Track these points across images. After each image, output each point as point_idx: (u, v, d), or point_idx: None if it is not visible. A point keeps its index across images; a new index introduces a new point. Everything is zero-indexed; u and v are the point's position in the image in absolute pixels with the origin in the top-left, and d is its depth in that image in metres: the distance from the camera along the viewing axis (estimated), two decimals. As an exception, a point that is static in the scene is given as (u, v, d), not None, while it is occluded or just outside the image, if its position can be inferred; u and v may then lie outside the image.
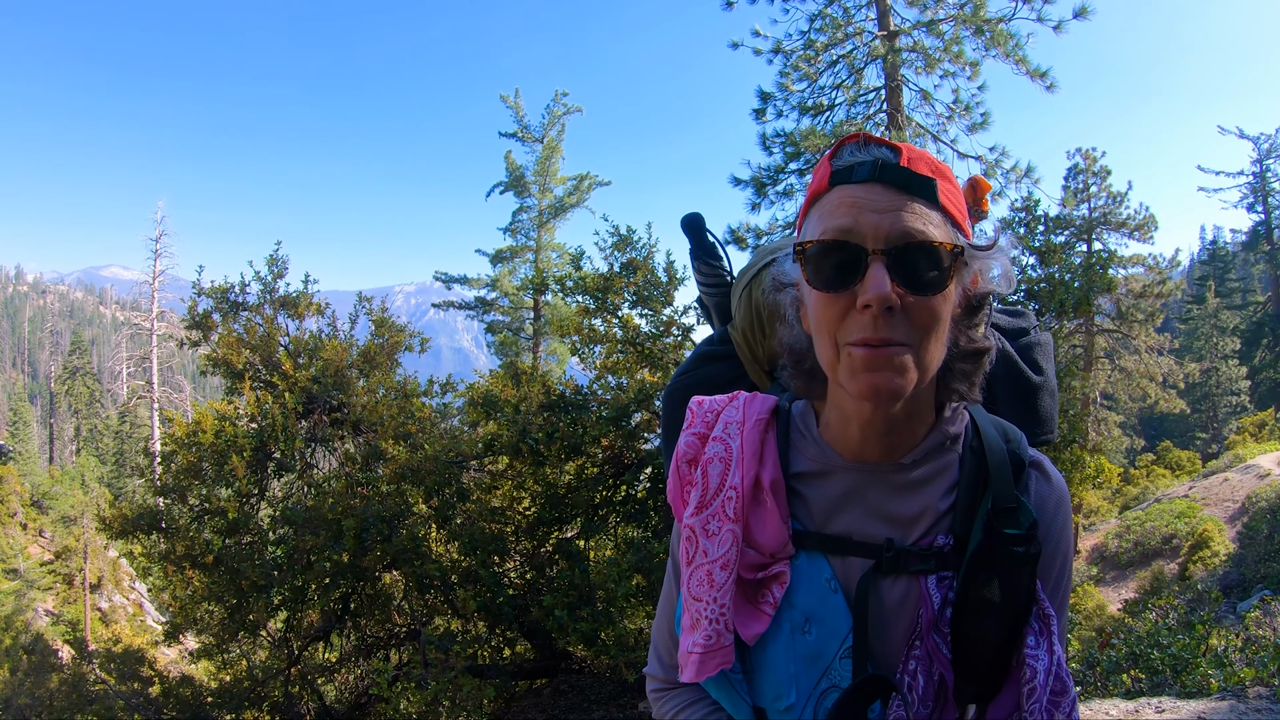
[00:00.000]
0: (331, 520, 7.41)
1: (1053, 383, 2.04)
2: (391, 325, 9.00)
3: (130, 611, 24.15)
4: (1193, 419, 49.37)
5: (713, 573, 1.34)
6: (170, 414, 9.38)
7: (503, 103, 28.66)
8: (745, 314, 1.98)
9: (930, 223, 1.20)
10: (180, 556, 7.74)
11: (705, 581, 1.34)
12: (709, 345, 2.16)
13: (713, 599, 1.32)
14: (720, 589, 1.32)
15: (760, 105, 18.84)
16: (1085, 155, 35.81)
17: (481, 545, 7.67)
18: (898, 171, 1.21)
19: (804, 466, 1.40)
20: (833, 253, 1.21)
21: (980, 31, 18.27)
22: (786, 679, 1.31)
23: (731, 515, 1.36)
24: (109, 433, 49.32)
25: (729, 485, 1.38)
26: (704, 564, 1.35)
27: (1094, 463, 9.16)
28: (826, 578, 1.32)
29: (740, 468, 1.38)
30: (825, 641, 1.30)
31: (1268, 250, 46.78)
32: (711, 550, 1.35)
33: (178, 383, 35.02)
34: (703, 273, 2.27)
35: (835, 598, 1.31)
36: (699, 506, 1.39)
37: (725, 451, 1.41)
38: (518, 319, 29.05)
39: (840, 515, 1.36)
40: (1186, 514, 27.31)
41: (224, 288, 9.04)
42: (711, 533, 1.36)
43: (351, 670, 9.04)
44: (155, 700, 8.86)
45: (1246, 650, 8.06)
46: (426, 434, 8.19)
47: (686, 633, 1.36)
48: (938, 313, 1.21)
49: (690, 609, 1.36)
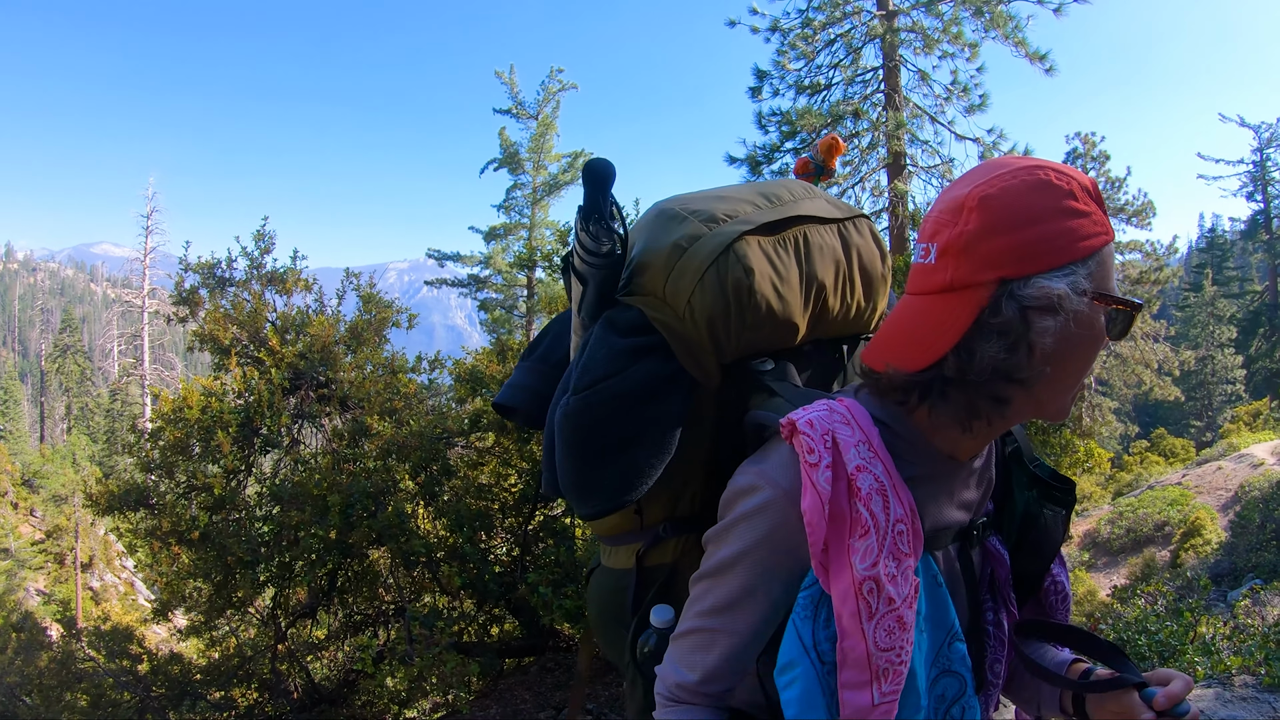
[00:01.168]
0: (317, 496, 7.36)
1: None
2: (379, 301, 8.91)
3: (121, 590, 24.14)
4: (1187, 407, 49.56)
5: (903, 616, 1.24)
6: (157, 390, 9.35)
7: (497, 79, 28.43)
8: (714, 298, 1.58)
9: None
10: (166, 533, 7.68)
11: (896, 628, 1.24)
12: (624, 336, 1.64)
13: (906, 640, 1.24)
14: (910, 628, 1.24)
15: (757, 84, 18.88)
16: (1084, 139, 35.76)
17: (468, 522, 7.64)
18: None
19: (911, 471, 1.35)
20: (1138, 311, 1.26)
21: (980, 13, 18.28)
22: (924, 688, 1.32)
23: (907, 550, 1.27)
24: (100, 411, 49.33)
25: (894, 519, 1.26)
26: (890, 612, 1.24)
27: (1084, 447, 9.15)
28: (934, 574, 1.35)
29: (897, 495, 1.28)
30: (935, 634, 1.34)
31: (1266, 240, 46.81)
32: (897, 595, 1.24)
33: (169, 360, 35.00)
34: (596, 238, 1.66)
35: (941, 591, 1.35)
36: (878, 554, 1.24)
37: (876, 481, 1.27)
38: (511, 296, 29.00)
39: (939, 511, 1.40)
40: (1179, 501, 27.39)
41: (210, 263, 8.97)
42: (892, 576, 1.24)
43: (340, 647, 9.02)
44: (144, 678, 8.83)
45: (1234, 638, 8.08)
46: (412, 410, 8.15)
47: (859, 688, 1.24)
48: None
49: (876, 660, 1.23)
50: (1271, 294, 47.44)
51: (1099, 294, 1.24)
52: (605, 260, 1.66)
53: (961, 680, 1.36)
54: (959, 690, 1.35)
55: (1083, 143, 35.83)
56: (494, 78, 28.63)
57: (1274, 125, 45.82)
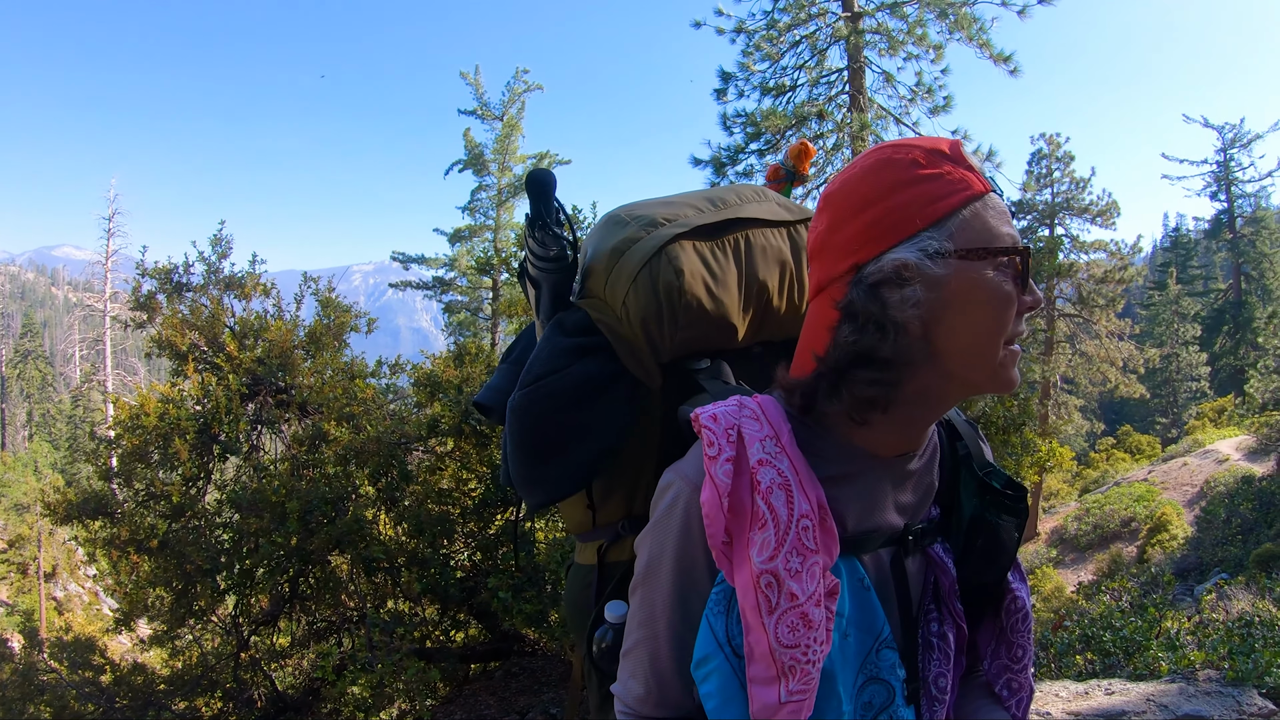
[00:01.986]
0: (276, 503, 7.28)
1: None
2: (338, 305, 8.84)
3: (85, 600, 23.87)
4: (1153, 404, 50.13)
5: (808, 613, 1.20)
6: (114, 397, 9.25)
7: (462, 79, 28.50)
8: (646, 300, 1.65)
9: None
10: (126, 541, 7.60)
11: (800, 625, 1.20)
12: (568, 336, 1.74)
13: (813, 639, 1.21)
14: (819, 628, 1.21)
15: (722, 85, 18.94)
16: (1049, 140, 36.21)
17: (428, 527, 7.59)
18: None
19: (828, 470, 1.31)
20: (1026, 257, 1.23)
21: (944, 14, 18.41)
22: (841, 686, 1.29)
23: (813, 546, 1.22)
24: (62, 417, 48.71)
25: (799, 515, 1.22)
26: (795, 608, 1.20)
27: (1045, 446, 9.20)
28: (860, 578, 1.31)
29: (802, 491, 1.24)
30: (863, 641, 1.31)
31: (1230, 238, 47.46)
32: (800, 591, 1.20)
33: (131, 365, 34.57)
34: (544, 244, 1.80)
35: (868, 595, 1.31)
36: (777, 547, 1.21)
37: (780, 476, 1.23)
38: (476, 299, 28.97)
39: (867, 512, 1.35)
40: (1145, 498, 27.70)
41: (168, 268, 8.86)
42: (794, 571, 1.21)
43: (304, 655, 8.94)
44: (108, 689, 8.71)
45: (1199, 633, 8.15)
46: (371, 415, 8.08)
47: (765, 684, 1.20)
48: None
49: (780, 657, 1.19)
50: (1235, 292, 48.06)
51: (968, 250, 1.21)
52: (554, 265, 1.77)
53: (890, 689, 1.32)
54: (887, 699, 1.32)
55: (1047, 143, 36.22)
56: (459, 78, 28.64)
57: (1237, 126, 46.53)
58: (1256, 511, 22.23)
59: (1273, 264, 47.99)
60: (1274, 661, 6.17)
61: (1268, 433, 29.59)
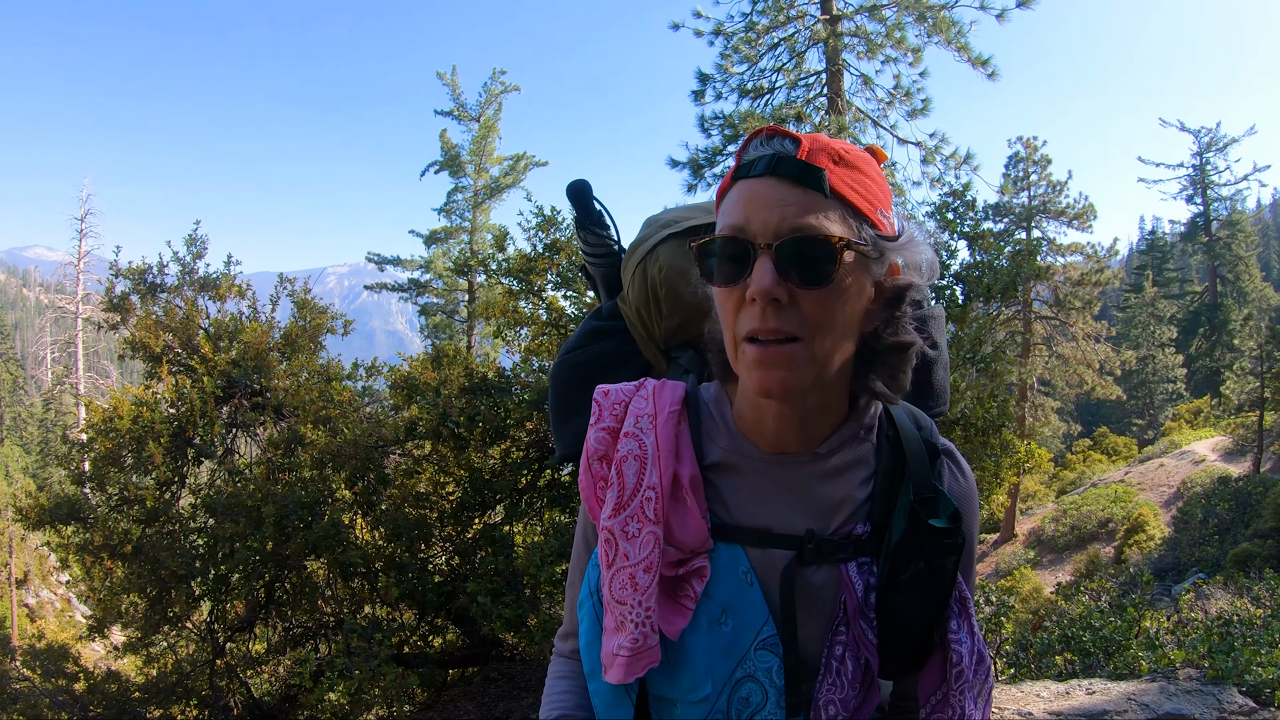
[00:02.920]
0: (251, 507, 7.21)
1: (945, 356, 2.04)
2: (314, 307, 8.75)
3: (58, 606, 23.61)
4: (1129, 406, 50.47)
5: (635, 576, 1.30)
6: (87, 400, 9.14)
7: (439, 80, 28.33)
8: (640, 291, 1.90)
9: (822, 215, 1.20)
10: (99, 547, 7.51)
11: (628, 585, 1.30)
12: (598, 320, 2.07)
13: (637, 602, 1.29)
14: (645, 592, 1.29)
15: (699, 87, 18.93)
16: (1026, 144, 36.39)
17: (406, 531, 7.52)
18: (793, 164, 1.21)
19: (718, 457, 1.39)
20: (725, 248, 1.23)
21: (923, 18, 18.47)
22: (703, 670, 1.31)
23: (652, 517, 1.32)
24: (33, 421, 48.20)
25: (647, 485, 1.33)
26: (625, 568, 1.31)
27: (1024, 448, 9.20)
28: (743, 570, 1.32)
29: (657, 466, 1.34)
30: (741, 633, 1.31)
31: (1206, 241, 47.95)
32: (633, 554, 1.31)
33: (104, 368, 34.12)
34: (589, 243, 2.19)
35: (752, 590, 1.32)
36: (616, 508, 1.34)
37: (640, 449, 1.36)
38: (452, 301, 28.84)
39: (758, 507, 1.36)
40: (1123, 499, 27.91)
41: (141, 269, 8.74)
42: (631, 535, 1.32)
43: (280, 661, 8.85)
44: (81, 698, 8.61)
45: (1178, 632, 8.19)
46: (347, 418, 8.00)
47: (610, 634, 1.34)
48: (829, 306, 1.21)
49: (614, 611, 1.32)
50: (1211, 294, 48.51)
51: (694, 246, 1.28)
52: (602, 260, 2.14)
53: (765, 693, 1.31)
54: (761, 702, 1.31)
55: (1025, 147, 36.42)
56: (436, 79, 28.45)
57: (1213, 130, 47.07)
58: (1233, 512, 22.44)
59: (1248, 267, 48.52)
60: (1254, 660, 6.20)
61: (1243, 434, 29.89)
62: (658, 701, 1.37)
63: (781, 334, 1.19)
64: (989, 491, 9.04)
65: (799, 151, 1.22)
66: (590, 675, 1.40)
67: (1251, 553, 18.77)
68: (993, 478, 8.74)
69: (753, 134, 1.29)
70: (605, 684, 1.36)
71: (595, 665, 1.37)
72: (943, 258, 9.02)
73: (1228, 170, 47.61)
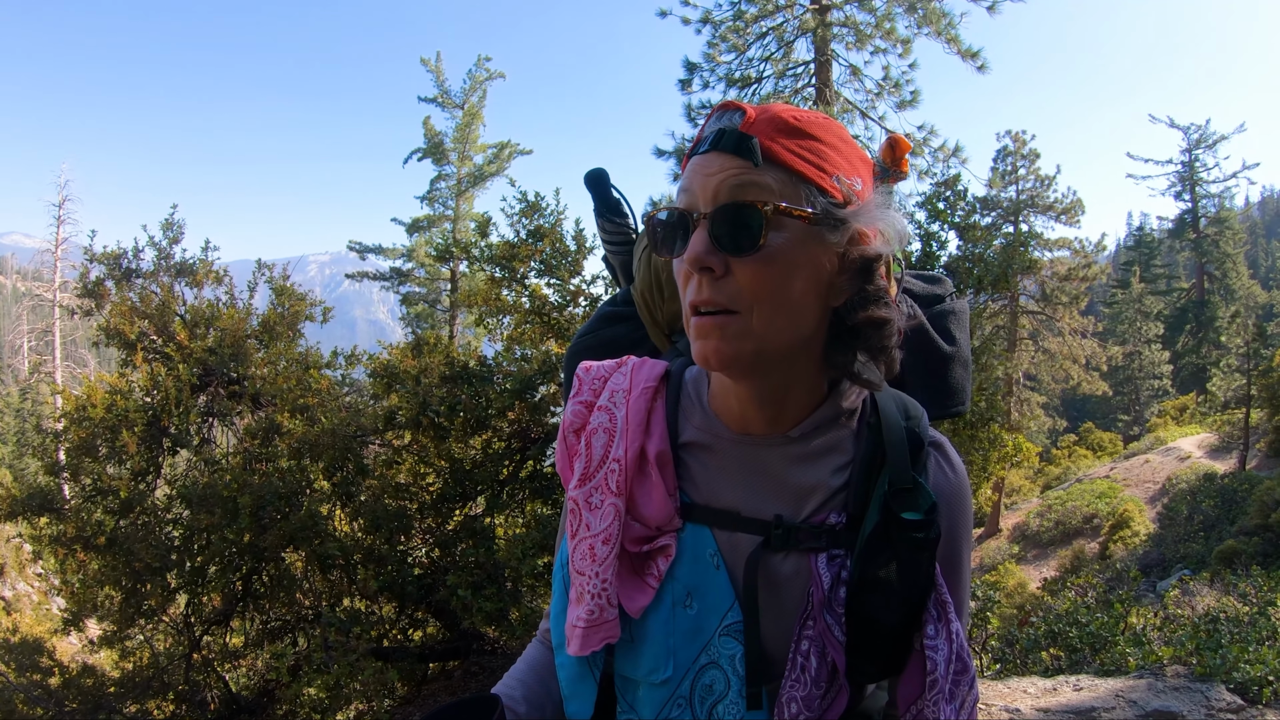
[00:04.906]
0: (227, 498, 7.11)
1: (965, 353, 1.97)
2: (292, 294, 8.63)
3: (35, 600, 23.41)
4: (1115, 401, 50.67)
5: (594, 547, 1.31)
6: (59, 388, 9.02)
7: (423, 66, 28.06)
8: (645, 275, 1.93)
9: (754, 183, 1.16)
10: (71, 538, 7.44)
11: (588, 556, 1.31)
12: (611, 305, 2.10)
13: (595, 574, 1.30)
14: (602, 564, 1.30)
15: (687, 76, 18.88)
16: (1015, 138, 36.45)
17: (385, 523, 7.43)
18: (733, 136, 1.18)
19: (691, 436, 1.37)
20: (669, 220, 1.22)
21: (913, 8, 18.48)
22: (665, 652, 1.29)
23: (614, 489, 1.33)
24: (10, 410, 47.71)
25: (612, 457, 1.35)
26: (586, 538, 1.33)
27: (1012, 441, 9.15)
28: (710, 552, 1.30)
29: (624, 439, 1.35)
30: (706, 616, 1.29)
31: (1194, 238, 48.23)
32: (594, 524, 1.33)
33: (81, 357, 33.77)
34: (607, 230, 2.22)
35: (718, 574, 1.29)
36: (582, 479, 1.36)
37: (610, 422, 1.38)
38: (434, 290, 28.70)
39: (728, 488, 1.33)
40: (1108, 494, 28.02)
41: (117, 253, 8.64)
42: (594, 506, 1.34)
43: (258, 655, 8.77)
44: (56, 692, 8.59)
45: (1165, 629, 8.17)
46: (325, 407, 7.89)
47: (572, 605, 1.34)
48: (765, 276, 1.16)
49: (575, 583, 1.33)
50: (1198, 291, 48.78)
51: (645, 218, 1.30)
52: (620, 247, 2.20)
53: (728, 681, 1.28)
54: (724, 690, 1.28)
55: (1013, 140, 36.49)
56: (419, 65, 28.22)
57: (1203, 127, 47.35)
58: (1218, 508, 22.53)
59: (1235, 264, 48.83)
60: (1242, 656, 6.17)
61: (1229, 431, 30.05)
62: (623, 681, 1.35)
63: (716, 305, 1.17)
64: (977, 485, 9.02)
65: (742, 122, 1.18)
66: (557, 647, 1.39)
67: (1237, 549, 18.82)
68: (981, 471, 8.71)
69: (710, 111, 1.27)
70: (569, 657, 1.35)
71: (561, 637, 1.37)
72: (932, 249, 8.99)
73: (1216, 167, 47.96)
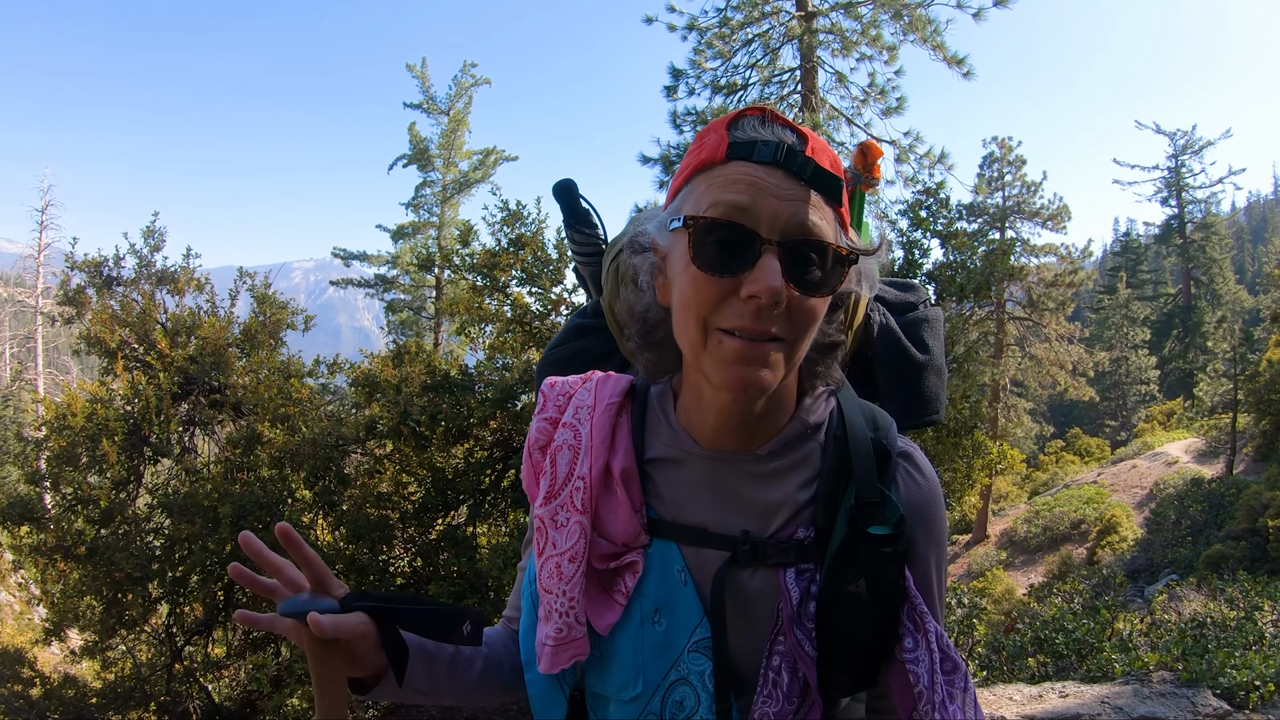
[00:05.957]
0: (208, 507, 7.07)
1: (939, 361, 1.93)
2: (274, 301, 8.60)
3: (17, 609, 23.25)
4: (1102, 407, 50.85)
5: (561, 565, 1.31)
6: (39, 396, 8.97)
7: (409, 72, 27.95)
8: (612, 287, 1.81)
9: (827, 220, 1.16)
10: (52, 548, 7.39)
11: (555, 574, 1.31)
12: (581, 317, 2.01)
13: (562, 592, 1.29)
14: (569, 582, 1.29)
15: (672, 82, 18.88)
16: (1001, 144, 36.56)
17: (367, 532, 7.38)
18: (804, 161, 1.15)
19: (659, 452, 1.36)
20: (724, 232, 1.14)
21: (899, 15, 18.49)
22: (634, 669, 1.29)
23: (580, 507, 1.32)
24: (-10, 418, 47.42)
25: (577, 475, 1.34)
26: (553, 556, 1.32)
27: (996, 448, 9.15)
28: (678, 568, 1.30)
29: (589, 456, 1.34)
30: (674, 633, 1.29)
31: (1180, 243, 48.43)
32: (560, 542, 1.32)
33: (64, 364, 33.45)
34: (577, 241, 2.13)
35: (686, 590, 1.29)
36: (547, 496, 1.35)
37: (574, 439, 1.37)
38: (419, 297, 28.63)
39: (696, 505, 1.33)
40: (1095, 500, 28.06)
41: (97, 261, 8.62)
42: (560, 524, 1.33)
43: (241, 666, 8.72)
44: (38, 703, 8.54)
45: (1151, 634, 8.16)
46: (306, 416, 7.85)
47: (540, 623, 1.33)
48: (817, 313, 1.18)
49: (543, 600, 1.32)
50: (1185, 297, 48.96)
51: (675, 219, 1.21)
52: (588, 259, 2.09)
53: (698, 697, 1.27)
54: (694, 707, 1.27)
55: (999, 146, 36.59)
56: (405, 71, 28.14)
57: (1189, 133, 47.59)
58: (1206, 513, 22.58)
59: (1222, 269, 49.04)
60: (1228, 662, 6.18)
61: (1216, 436, 30.12)
62: (594, 698, 1.36)
63: (769, 336, 1.14)
64: (961, 492, 9.00)
65: (806, 147, 1.16)
66: (526, 664, 1.38)
67: (1224, 554, 18.86)
68: (964, 479, 8.69)
69: (742, 111, 1.21)
70: (539, 675, 1.35)
71: (530, 654, 1.36)
72: (915, 256, 9.00)
73: (1203, 173, 48.21)
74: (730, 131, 1.19)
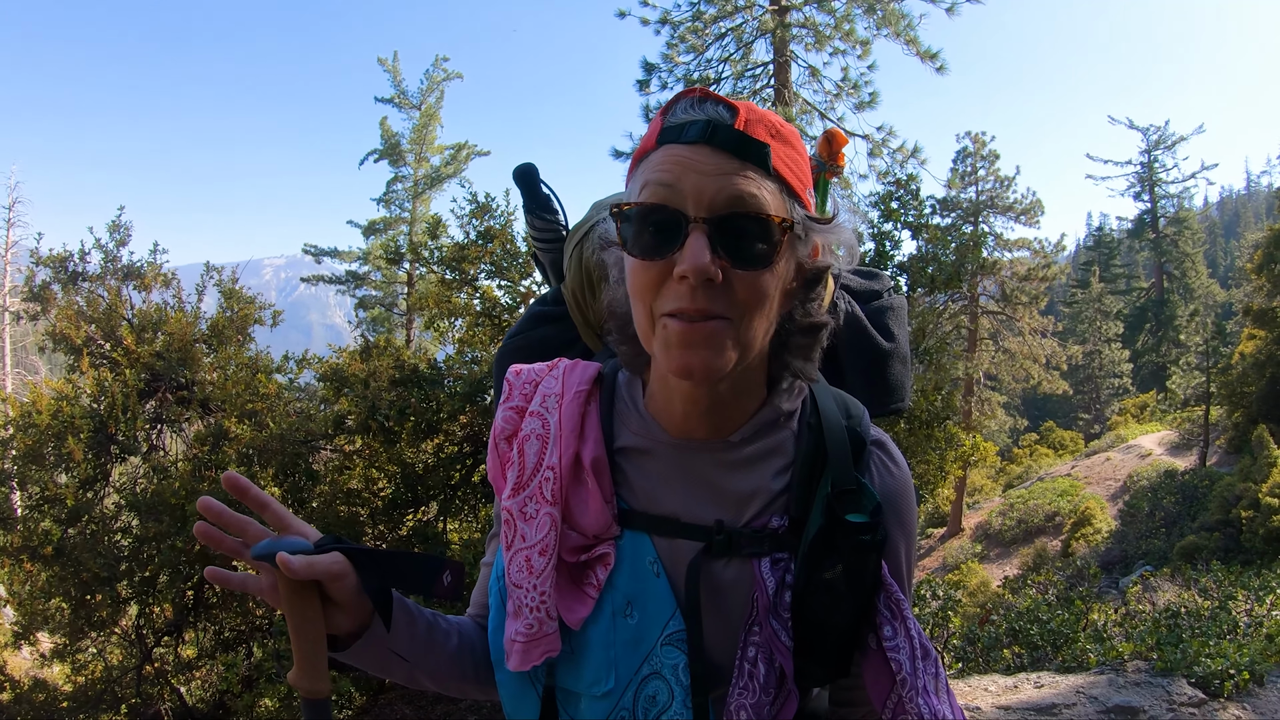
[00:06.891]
0: (176, 505, 6.99)
1: (905, 349, 1.93)
2: (241, 297, 8.50)
3: (-14, 612, 23.02)
4: (1076, 400, 51.28)
5: (531, 559, 1.27)
6: (5, 395, 8.85)
7: (380, 66, 27.78)
8: (575, 274, 1.87)
9: (762, 191, 1.13)
10: (19, 549, 7.28)
11: (524, 568, 1.27)
12: (542, 305, 2.03)
13: (533, 586, 1.26)
14: (540, 576, 1.26)
15: (645, 77, 18.92)
16: (974, 139, 36.72)
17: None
18: (730, 134, 1.13)
19: (628, 441, 1.35)
20: (650, 216, 1.15)
21: (872, 10, 18.61)
22: (606, 664, 1.27)
23: (550, 498, 1.28)
24: (-43, 419, 46.91)
25: (546, 465, 1.31)
26: (523, 549, 1.28)
27: (970, 441, 9.17)
28: (650, 560, 1.28)
29: (558, 446, 1.31)
30: (647, 626, 1.27)
31: (1153, 238, 48.95)
32: (530, 535, 1.28)
33: (32, 364, 33.14)
34: (536, 228, 2.13)
35: (658, 581, 1.27)
36: (515, 488, 1.31)
37: (543, 428, 1.34)
38: (390, 293, 28.46)
39: (667, 494, 1.31)
40: (1069, 492, 28.28)
41: (62, 256, 8.52)
42: (529, 516, 1.29)
43: (213, 666, 8.64)
44: (7, 707, 8.43)
45: (1126, 625, 8.22)
46: (274, 412, 7.77)
47: (510, 619, 1.29)
48: (763, 288, 1.15)
49: (512, 595, 1.28)
50: (1158, 290, 49.47)
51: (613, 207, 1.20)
52: (548, 245, 2.11)
53: (671, 691, 1.25)
54: (668, 700, 1.25)
55: (973, 141, 36.74)
56: (376, 64, 27.96)
57: (1162, 128, 48.11)
58: (1179, 505, 22.78)
59: (1195, 264, 49.62)
60: (1202, 651, 6.23)
61: (1189, 428, 30.45)
62: (564, 694, 1.32)
63: (711, 315, 1.12)
64: (934, 485, 9.01)
65: (736, 120, 1.14)
66: (496, 663, 1.33)
67: (1198, 545, 19.04)
68: (937, 471, 8.70)
69: (680, 95, 1.20)
70: (509, 673, 1.31)
71: (500, 652, 1.31)
72: (886, 248, 9.00)
73: (1176, 168, 48.91)
74: (665, 117, 1.19)
